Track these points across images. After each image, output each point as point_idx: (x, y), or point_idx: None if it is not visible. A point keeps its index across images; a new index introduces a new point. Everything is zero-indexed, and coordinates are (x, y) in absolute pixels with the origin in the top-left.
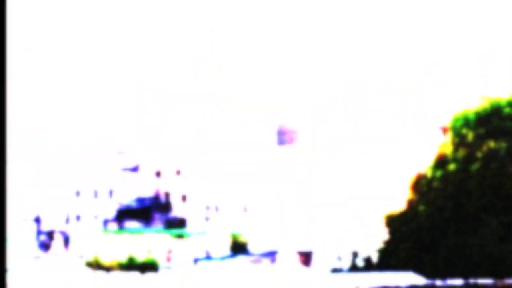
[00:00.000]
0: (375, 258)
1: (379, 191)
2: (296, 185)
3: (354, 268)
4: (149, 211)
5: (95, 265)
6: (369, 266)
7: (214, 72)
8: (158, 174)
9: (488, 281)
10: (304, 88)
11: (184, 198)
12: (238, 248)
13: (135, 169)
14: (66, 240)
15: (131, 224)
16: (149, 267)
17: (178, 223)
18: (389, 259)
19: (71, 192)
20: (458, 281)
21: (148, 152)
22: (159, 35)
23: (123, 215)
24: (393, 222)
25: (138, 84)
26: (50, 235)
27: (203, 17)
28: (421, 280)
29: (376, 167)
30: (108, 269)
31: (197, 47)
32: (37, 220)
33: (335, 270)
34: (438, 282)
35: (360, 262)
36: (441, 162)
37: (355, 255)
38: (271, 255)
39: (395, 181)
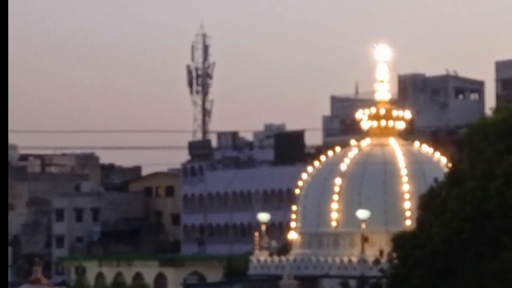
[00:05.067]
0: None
1: None
2: None
3: None
4: (138, 233)
5: None
6: None
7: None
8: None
9: None
10: None
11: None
12: (235, 273)
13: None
14: (48, 265)
15: (118, 247)
16: None
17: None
18: (401, 286)
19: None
20: None
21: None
22: None
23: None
24: (403, 245)
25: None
26: (30, 259)
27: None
28: None
29: None
30: None
31: None
32: (15, 242)
33: None
34: None
35: None
36: (456, 179)
37: (362, 281)
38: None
39: None
